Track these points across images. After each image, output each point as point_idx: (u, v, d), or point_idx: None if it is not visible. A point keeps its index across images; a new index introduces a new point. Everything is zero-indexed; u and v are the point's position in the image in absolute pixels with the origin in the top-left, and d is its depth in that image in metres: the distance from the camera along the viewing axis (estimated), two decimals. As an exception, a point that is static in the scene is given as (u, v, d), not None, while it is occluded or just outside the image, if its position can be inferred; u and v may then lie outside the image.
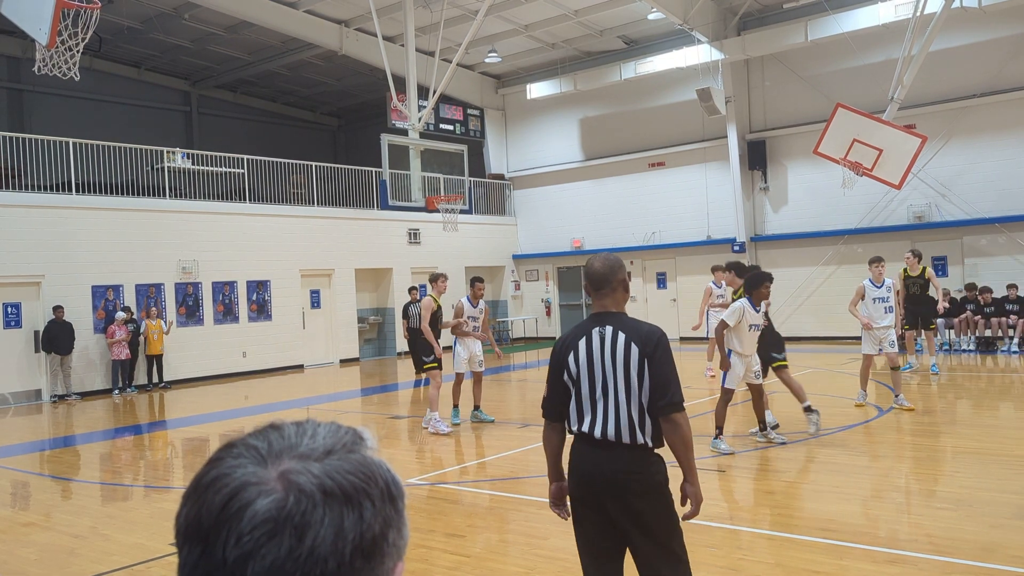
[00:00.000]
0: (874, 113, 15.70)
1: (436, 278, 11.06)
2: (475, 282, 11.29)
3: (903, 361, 11.07)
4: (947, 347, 17.62)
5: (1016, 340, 16.71)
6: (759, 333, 8.76)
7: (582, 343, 3.54)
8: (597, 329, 3.53)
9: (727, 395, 8.70)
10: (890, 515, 6.31)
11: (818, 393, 12.43)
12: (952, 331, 17.65)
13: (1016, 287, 17.11)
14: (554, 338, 25.48)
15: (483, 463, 8.86)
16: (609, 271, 3.62)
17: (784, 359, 9.51)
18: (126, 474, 9.62)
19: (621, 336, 3.47)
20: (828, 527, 6.02)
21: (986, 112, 18.63)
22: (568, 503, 3.68)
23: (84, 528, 7.06)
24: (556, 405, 3.62)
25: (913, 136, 15.12)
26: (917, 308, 13.91)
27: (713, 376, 14.16)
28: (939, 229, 19.25)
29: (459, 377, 11.24)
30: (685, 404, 3.48)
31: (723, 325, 8.62)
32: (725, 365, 8.61)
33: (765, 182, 21.82)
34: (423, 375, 11.05)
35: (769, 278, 8.64)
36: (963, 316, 17.44)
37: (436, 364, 10.69)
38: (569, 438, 3.63)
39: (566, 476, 3.62)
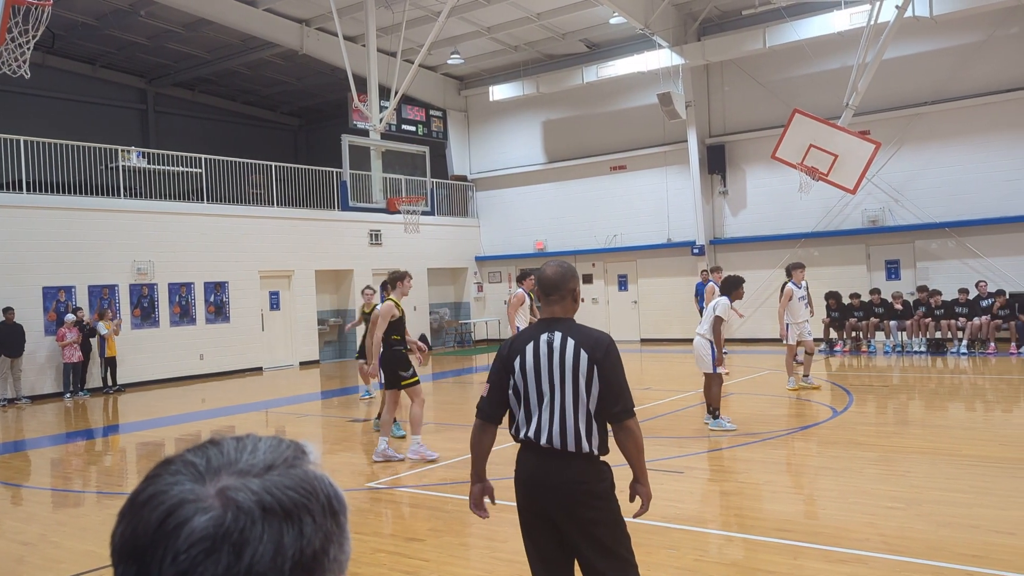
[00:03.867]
0: (830, 119, 15.98)
1: (402, 278, 9.36)
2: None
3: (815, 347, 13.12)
4: (899, 348, 17.97)
5: (965, 342, 17.09)
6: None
7: (530, 348, 3.52)
8: (546, 335, 3.51)
9: (718, 380, 9.85)
10: (844, 515, 6.42)
11: (776, 395, 12.61)
12: (904, 333, 18.00)
13: (966, 290, 17.50)
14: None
15: (442, 466, 8.84)
16: (560, 279, 3.62)
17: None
18: (77, 480, 9.44)
19: (570, 342, 3.45)
20: (783, 527, 6.11)
21: (937, 119, 19.05)
22: (485, 504, 3.82)
23: (33, 535, 6.91)
24: (493, 406, 3.61)
25: (867, 142, 15.42)
26: None
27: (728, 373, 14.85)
28: (892, 233, 19.65)
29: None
30: (650, 405, 3.53)
31: (719, 321, 9.75)
32: (720, 359, 9.80)
33: (724, 186, 22.07)
34: (391, 391, 9.25)
35: (743, 280, 10.20)
36: (914, 318, 17.79)
37: (416, 379, 9.11)
38: (515, 445, 3.63)
39: (514, 483, 3.61)
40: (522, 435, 3.53)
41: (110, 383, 17.13)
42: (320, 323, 22.29)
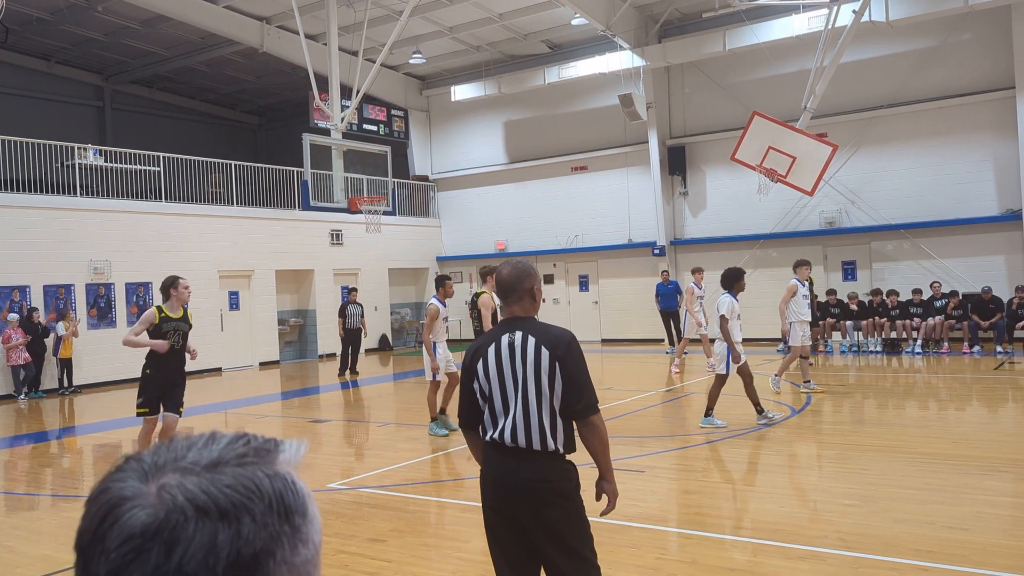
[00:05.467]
0: (788, 121, 16.22)
1: (445, 280, 10.36)
2: (444, 280, 10.88)
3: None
4: (855, 348, 18.29)
5: (919, 341, 17.45)
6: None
7: (491, 350, 3.51)
8: (507, 335, 3.51)
9: (720, 381, 9.93)
10: (801, 512, 6.52)
11: (734, 393, 12.75)
12: (860, 332, 18.33)
13: (920, 291, 17.87)
14: (478, 340, 25.58)
15: (404, 467, 8.82)
16: (516, 280, 3.60)
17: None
18: (32, 483, 9.25)
19: (531, 340, 3.45)
20: (743, 525, 6.20)
21: (893, 123, 19.42)
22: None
23: (-14, 540, 6.76)
24: (467, 414, 3.61)
25: (824, 144, 15.67)
26: None
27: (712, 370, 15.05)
28: (849, 235, 19.99)
29: (437, 384, 10.54)
30: (611, 404, 3.52)
31: (724, 320, 9.80)
32: (736, 357, 9.81)
33: (685, 187, 22.27)
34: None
35: (743, 272, 10.28)
36: (870, 319, 18.12)
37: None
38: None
39: (480, 483, 3.62)
40: (488, 436, 3.52)
41: (66, 384, 16.80)
42: (280, 323, 22.08)
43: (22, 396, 16.04)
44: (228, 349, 20.49)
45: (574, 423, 3.48)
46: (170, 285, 8.55)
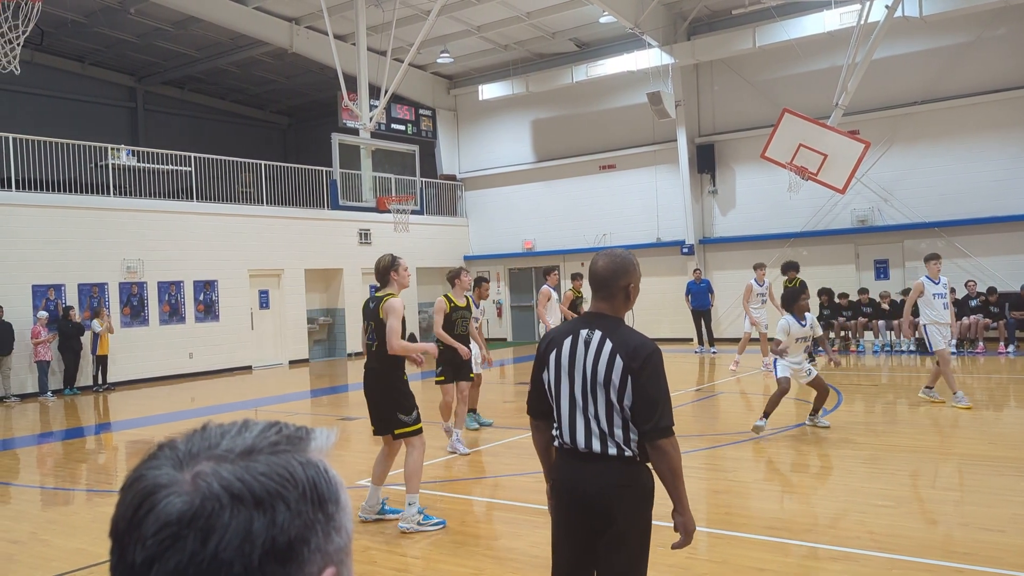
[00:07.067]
0: (819, 119, 16.04)
1: (482, 282, 10.65)
2: (481, 282, 10.96)
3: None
4: (887, 348, 18.05)
5: (954, 341, 17.16)
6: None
7: (567, 342, 3.23)
8: (585, 331, 3.21)
9: (780, 388, 9.28)
10: (834, 513, 6.44)
11: (766, 393, 12.64)
12: (892, 332, 18.09)
13: (954, 291, 17.58)
14: (505, 339, 25.58)
15: (432, 464, 8.84)
16: (611, 275, 3.26)
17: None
18: (67, 478, 9.39)
19: (608, 344, 3.13)
20: (774, 525, 6.13)
21: (926, 119, 19.14)
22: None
23: (23, 533, 6.87)
24: (535, 402, 3.38)
25: (857, 142, 15.48)
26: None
27: (734, 369, 15.25)
28: (881, 233, 19.74)
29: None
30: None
31: (776, 343, 9.25)
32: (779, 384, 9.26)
33: (714, 185, 22.12)
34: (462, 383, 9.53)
35: (801, 292, 9.38)
36: (901, 319, 17.86)
37: (443, 378, 9.56)
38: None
39: (551, 489, 3.34)
40: (558, 436, 3.27)
41: (100, 381, 17.05)
42: (309, 322, 22.23)
43: (49, 393, 16.24)
44: (258, 347, 20.69)
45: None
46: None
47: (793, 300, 9.27)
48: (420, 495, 6.46)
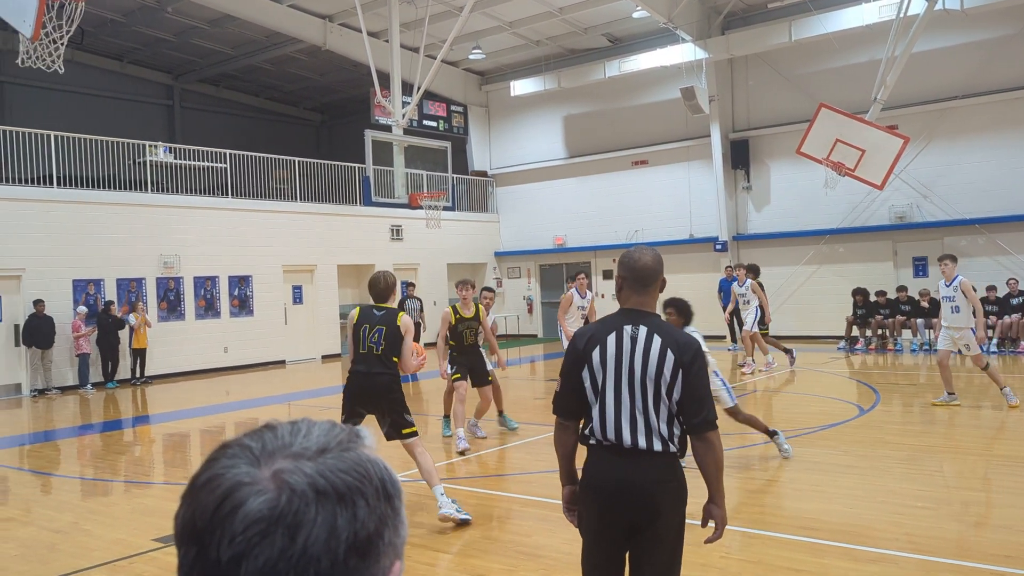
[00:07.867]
0: (857, 114, 15.83)
1: (578, 275, 11.53)
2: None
3: (983, 361, 10.63)
4: (926, 347, 17.77)
5: (995, 340, 16.89)
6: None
7: (611, 339, 3.21)
8: (630, 327, 3.21)
9: None
10: (870, 514, 6.37)
11: (800, 392, 12.53)
12: (931, 331, 17.79)
13: (995, 288, 17.29)
14: (535, 336, 25.57)
15: (466, 460, 8.87)
16: (660, 267, 3.32)
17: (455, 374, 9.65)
18: (107, 469, 9.55)
19: (656, 339, 3.17)
20: (809, 525, 6.07)
21: (966, 114, 18.80)
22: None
23: (65, 523, 7.01)
24: (571, 402, 3.29)
25: (895, 137, 15.26)
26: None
27: (743, 374, 15.04)
28: (920, 230, 19.42)
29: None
30: None
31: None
32: None
33: (748, 181, 21.92)
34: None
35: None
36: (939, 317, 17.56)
37: (457, 376, 9.55)
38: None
39: (580, 482, 3.33)
40: (598, 436, 3.23)
41: (138, 375, 17.32)
42: (342, 317, 22.38)
43: (89, 386, 16.55)
44: (291, 342, 20.88)
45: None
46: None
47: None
48: (453, 490, 6.49)
